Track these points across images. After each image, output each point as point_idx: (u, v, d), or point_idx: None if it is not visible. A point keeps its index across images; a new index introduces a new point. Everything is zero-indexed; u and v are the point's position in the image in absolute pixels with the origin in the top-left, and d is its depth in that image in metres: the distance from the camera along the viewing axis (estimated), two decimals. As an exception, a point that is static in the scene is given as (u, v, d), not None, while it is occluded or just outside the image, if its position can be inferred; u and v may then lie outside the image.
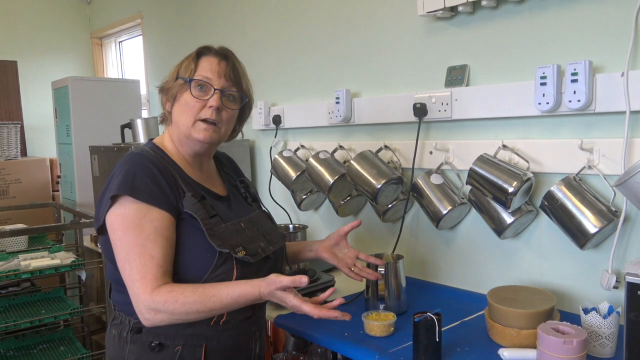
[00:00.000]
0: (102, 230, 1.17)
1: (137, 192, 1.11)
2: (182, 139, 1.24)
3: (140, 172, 1.13)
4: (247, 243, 1.21)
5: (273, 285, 1.10)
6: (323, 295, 1.16)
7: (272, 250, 1.28)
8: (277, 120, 2.33)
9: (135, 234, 1.09)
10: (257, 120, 2.43)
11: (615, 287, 1.32)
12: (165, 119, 1.29)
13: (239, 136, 2.45)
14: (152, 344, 1.15)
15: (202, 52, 1.24)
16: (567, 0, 1.42)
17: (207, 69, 1.21)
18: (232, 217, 1.24)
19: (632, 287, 1.05)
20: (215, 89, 1.20)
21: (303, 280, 1.07)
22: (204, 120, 1.20)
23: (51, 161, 3.61)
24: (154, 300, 1.07)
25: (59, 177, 3.46)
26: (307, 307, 1.11)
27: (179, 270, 1.14)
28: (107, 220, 1.14)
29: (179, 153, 1.26)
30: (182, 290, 1.09)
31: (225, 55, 1.24)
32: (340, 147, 2.05)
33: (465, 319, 1.46)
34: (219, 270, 1.15)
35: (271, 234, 1.32)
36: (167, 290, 1.08)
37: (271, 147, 2.39)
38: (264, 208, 1.43)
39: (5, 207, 3.14)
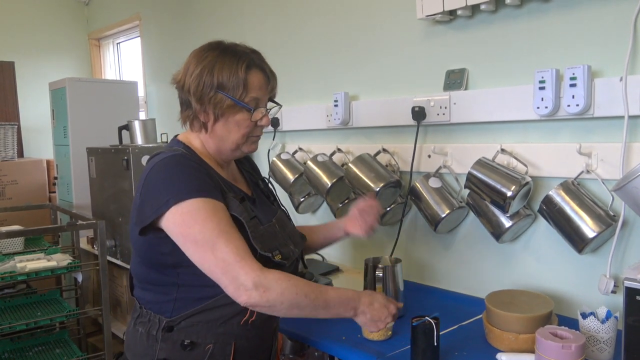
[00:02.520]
0: (144, 231, 1.13)
1: (200, 190, 1.10)
2: (225, 150, 1.24)
3: (192, 172, 1.13)
4: (282, 246, 1.22)
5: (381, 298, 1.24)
6: None
7: (298, 253, 1.30)
8: (275, 122, 2.33)
9: (214, 223, 1.08)
10: (255, 122, 2.42)
11: (614, 292, 1.32)
12: (195, 124, 1.23)
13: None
14: (185, 343, 1.15)
15: (249, 66, 1.19)
16: (566, 5, 1.42)
17: (258, 87, 1.20)
18: (263, 218, 1.24)
19: (630, 292, 1.05)
20: (266, 110, 1.23)
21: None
22: (256, 136, 1.25)
23: (48, 162, 3.59)
24: (266, 277, 1.07)
25: (55, 178, 3.44)
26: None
27: None
28: (168, 220, 1.09)
29: (209, 155, 1.25)
30: (292, 274, 1.13)
31: (271, 72, 1.25)
32: (339, 150, 2.04)
33: (463, 323, 1.46)
34: None
35: (295, 235, 1.34)
36: (276, 271, 1.10)
37: (269, 150, 2.38)
38: (282, 207, 1.42)
39: (2, 208, 3.12)
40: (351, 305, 1.19)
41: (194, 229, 1.08)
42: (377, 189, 1.70)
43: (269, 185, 1.44)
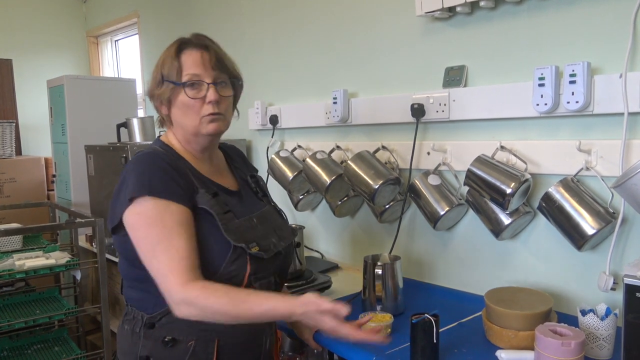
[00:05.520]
0: (116, 230, 1.17)
1: (154, 190, 1.11)
2: (190, 137, 1.24)
3: (155, 170, 1.14)
4: (260, 239, 1.22)
5: (312, 307, 1.09)
6: (362, 320, 1.21)
7: (283, 246, 1.29)
8: (274, 120, 2.32)
9: (158, 230, 1.10)
10: (254, 120, 2.42)
11: (613, 289, 1.32)
12: (164, 122, 1.29)
13: (238, 135, 2.44)
14: (166, 339, 1.16)
15: (181, 47, 1.22)
16: (565, 2, 1.41)
17: (192, 64, 1.20)
18: (244, 212, 1.25)
19: (630, 289, 1.05)
20: (208, 84, 1.20)
21: (343, 311, 1.07)
22: (209, 115, 1.21)
23: (46, 160, 3.59)
24: (187, 294, 1.07)
25: (54, 176, 3.43)
26: (346, 330, 1.10)
27: None
28: (125, 220, 1.14)
29: (187, 150, 1.26)
30: (216, 289, 1.10)
31: (205, 45, 1.23)
32: (338, 147, 2.04)
33: (463, 321, 1.46)
34: (233, 266, 1.15)
35: (282, 229, 1.33)
36: (200, 286, 1.09)
37: (268, 147, 2.38)
38: (273, 203, 1.42)
39: (0, 206, 3.12)
40: (283, 315, 1.13)
41: (139, 232, 1.12)
42: (376, 187, 1.70)
43: (260, 182, 1.43)
